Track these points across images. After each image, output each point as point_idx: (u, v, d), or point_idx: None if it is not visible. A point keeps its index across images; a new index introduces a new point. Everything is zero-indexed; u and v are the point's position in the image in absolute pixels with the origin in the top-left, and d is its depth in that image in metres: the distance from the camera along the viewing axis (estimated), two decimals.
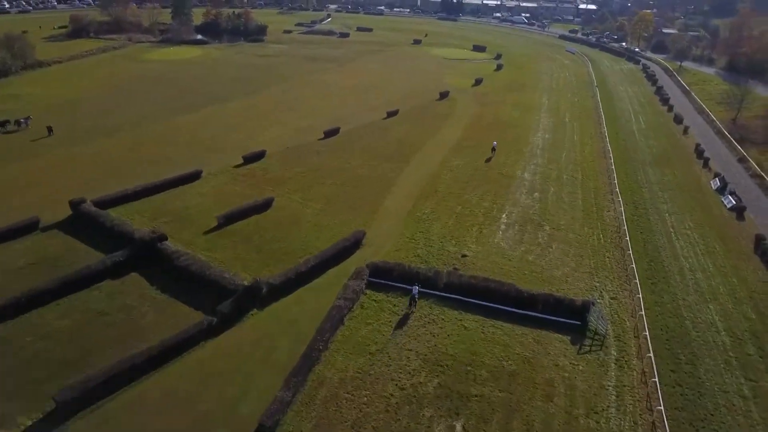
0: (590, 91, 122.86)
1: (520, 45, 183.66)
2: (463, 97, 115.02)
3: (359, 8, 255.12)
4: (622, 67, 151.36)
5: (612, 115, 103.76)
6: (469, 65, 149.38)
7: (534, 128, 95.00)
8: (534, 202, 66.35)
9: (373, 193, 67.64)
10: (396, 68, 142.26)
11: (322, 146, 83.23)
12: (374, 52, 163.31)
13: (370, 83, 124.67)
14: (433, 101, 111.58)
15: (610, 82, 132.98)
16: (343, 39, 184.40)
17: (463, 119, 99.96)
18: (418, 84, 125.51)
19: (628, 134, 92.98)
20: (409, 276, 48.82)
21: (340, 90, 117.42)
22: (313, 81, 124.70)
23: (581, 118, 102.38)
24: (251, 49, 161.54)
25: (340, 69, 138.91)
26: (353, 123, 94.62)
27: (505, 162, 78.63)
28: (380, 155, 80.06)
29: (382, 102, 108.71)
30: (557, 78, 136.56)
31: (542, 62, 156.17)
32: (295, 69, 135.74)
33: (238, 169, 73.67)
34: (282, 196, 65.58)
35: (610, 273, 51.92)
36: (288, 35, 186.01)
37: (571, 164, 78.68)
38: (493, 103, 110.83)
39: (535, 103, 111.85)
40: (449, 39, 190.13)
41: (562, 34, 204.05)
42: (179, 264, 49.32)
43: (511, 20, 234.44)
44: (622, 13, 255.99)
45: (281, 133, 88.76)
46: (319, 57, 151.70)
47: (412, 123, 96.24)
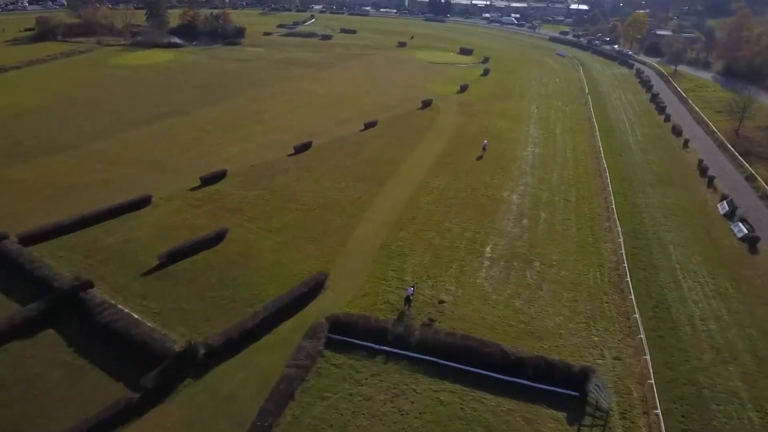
0: (582, 99, 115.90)
1: (508, 48, 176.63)
2: (447, 106, 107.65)
3: (344, 9, 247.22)
4: (614, 71, 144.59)
5: (606, 126, 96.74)
6: (454, 70, 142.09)
7: (523, 142, 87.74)
8: (522, 231, 59.01)
9: (343, 221, 60.14)
10: (378, 74, 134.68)
11: (290, 164, 75.62)
12: (356, 56, 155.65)
13: (349, 91, 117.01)
14: (414, 110, 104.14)
15: (603, 88, 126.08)
16: (325, 41, 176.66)
17: (445, 131, 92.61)
18: (399, 91, 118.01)
19: (625, 148, 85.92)
20: (376, 332, 41.50)
21: (315, 99, 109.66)
22: (288, 89, 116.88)
23: (573, 129, 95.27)
24: (226, 52, 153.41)
25: (318, 75, 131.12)
26: (327, 136, 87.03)
27: (491, 182, 71.28)
28: (354, 174, 72.54)
29: (360, 112, 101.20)
30: (547, 84, 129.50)
31: (531, 66, 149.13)
32: (270, 75, 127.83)
33: (194, 192, 65.95)
34: (238, 226, 57.97)
35: (611, 323, 44.64)
36: (267, 37, 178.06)
37: (564, 184, 71.44)
38: (479, 113, 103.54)
39: (524, 113, 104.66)
40: (435, 41, 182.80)
41: (552, 35, 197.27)
42: (102, 320, 41.45)
43: (500, 21, 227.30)
44: (614, 14, 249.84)
45: (247, 148, 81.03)
46: (297, 61, 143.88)
47: (391, 136, 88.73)
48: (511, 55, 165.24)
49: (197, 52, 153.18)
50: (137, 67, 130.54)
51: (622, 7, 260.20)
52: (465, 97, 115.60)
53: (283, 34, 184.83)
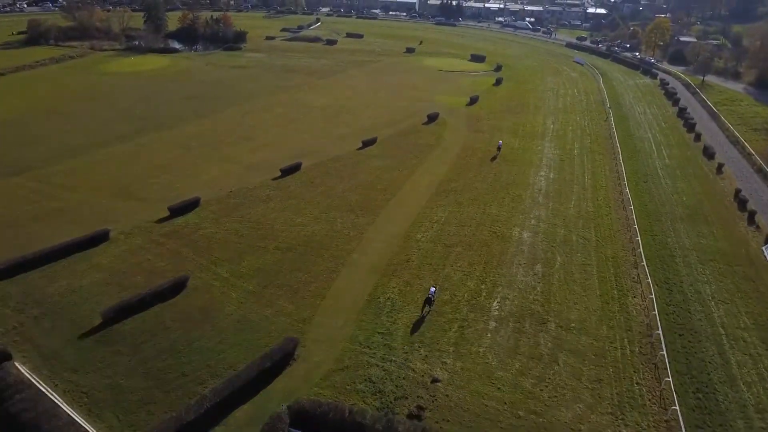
0: (602, 113, 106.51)
1: (522, 54, 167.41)
2: (454, 121, 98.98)
3: (352, 12, 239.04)
4: (637, 81, 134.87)
5: (629, 146, 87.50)
6: (465, 79, 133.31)
7: (536, 164, 78.87)
8: (535, 280, 50.31)
9: (326, 265, 51.88)
10: (382, 83, 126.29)
11: (274, 190, 67.52)
12: (361, 63, 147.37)
13: (350, 103, 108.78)
14: (419, 126, 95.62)
15: (625, 100, 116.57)
16: (330, 47, 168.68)
17: (451, 151, 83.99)
18: (404, 103, 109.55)
19: (651, 173, 76.69)
20: (351, 428, 33.07)
21: (313, 111, 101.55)
22: (285, 100, 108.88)
23: (593, 149, 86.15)
24: (225, 58, 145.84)
25: (318, 84, 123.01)
26: (320, 156, 78.95)
27: (499, 215, 62.55)
28: (344, 203, 64.28)
29: (360, 127, 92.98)
30: (564, 95, 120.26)
31: (547, 75, 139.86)
32: (267, 84, 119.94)
33: (161, 225, 58.15)
34: (203, 271, 49.97)
35: (643, 416, 35.88)
36: (270, 42, 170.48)
37: (582, 218, 62.51)
38: (489, 129, 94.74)
39: (538, 129, 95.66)
40: (445, 47, 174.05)
41: (569, 42, 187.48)
42: (11, 408, 33.37)
43: (514, 26, 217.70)
44: (634, 18, 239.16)
45: (230, 170, 73.11)
46: (297, 69, 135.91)
47: (391, 156, 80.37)
48: (525, 62, 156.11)
49: (194, 57, 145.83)
50: (128, 74, 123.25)
51: (642, 12, 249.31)
52: (475, 110, 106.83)
53: (287, 38, 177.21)
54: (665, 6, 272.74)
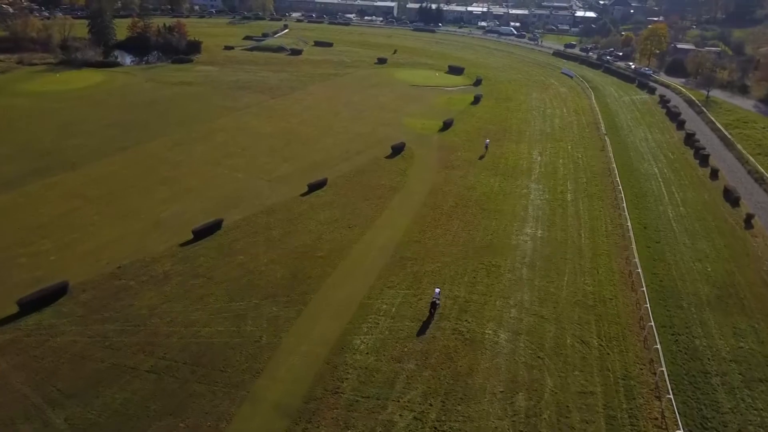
0: (597, 140, 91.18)
1: (506, 65, 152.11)
2: (423, 153, 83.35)
3: (324, 17, 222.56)
4: (633, 97, 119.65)
5: (634, 186, 72.30)
6: (440, 96, 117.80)
7: (519, 216, 63.29)
8: (516, 421, 34.31)
9: (216, 401, 35.79)
10: (346, 102, 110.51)
11: (177, 263, 51.57)
12: (325, 77, 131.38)
13: (304, 129, 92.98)
14: (381, 159, 79.98)
15: (622, 122, 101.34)
16: (294, 57, 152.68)
17: (416, 195, 68.38)
18: (367, 128, 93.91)
19: (663, 227, 61.39)
20: None
21: (257, 142, 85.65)
22: (227, 125, 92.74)
23: (589, 191, 70.82)
24: (171, 73, 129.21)
25: (271, 105, 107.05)
26: (252, 206, 63.36)
27: (468, 302, 46.92)
28: (266, 283, 48.70)
29: (309, 163, 77.32)
30: (552, 116, 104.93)
31: (532, 91, 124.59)
32: (211, 105, 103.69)
33: (1, 329, 41.65)
34: (30, 419, 33.76)
35: None
36: (227, 53, 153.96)
37: (579, 306, 46.97)
38: (464, 164, 79.30)
39: (523, 163, 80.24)
40: (422, 57, 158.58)
41: (557, 50, 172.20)
42: None
43: (498, 31, 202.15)
44: (624, 22, 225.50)
45: (129, 231, 57.08)
46: (251, 85, 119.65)
47: (341, 205, 64.75)
48: (508, 74, 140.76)
49: (136, 72, 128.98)
50: (50, 94, 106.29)
51: (633, 15, 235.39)
52: (448, 137, 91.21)
53: (247, 48, 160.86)
54: (657, 8, 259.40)
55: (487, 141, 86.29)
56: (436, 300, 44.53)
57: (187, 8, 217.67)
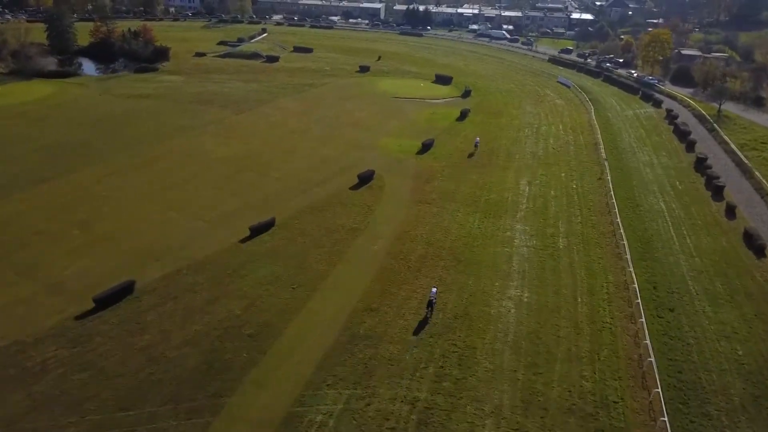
0: (596, 166, 79.99)
1: (497, 73, 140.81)
2: (396, 182, 72.34)
3: (307, 19, 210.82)
4: (637, 111, 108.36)
5: (638, 228, 61.36)
6: (422, 110, 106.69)
7: (502, 270, 52.36)
8: None
9: None
10: (317, 118, 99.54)
11: (60, 349, 41.13)
12: (299, 88, 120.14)
13: (265, 151, 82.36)
14: (345, 191, 69.11)
15: (625, 143, 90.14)
16: (269, 65, 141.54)
17: (380, 241, 57.74)
18: (336, 151, 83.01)
19: (677, 288, 50.38)
20: None
21: (207, 168, 74.83)
22: (179, 147, 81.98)
23: (586, 236, 59.76)
24: (130, 84, 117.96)
25: (233, 122, 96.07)
26: (174, 261, 52.54)
27: (430, 408, 35.89)
28: (169, 380, 38.20)
29: (260, 197, 66.47)
30: (546, 135, 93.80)
31: (526, 103, 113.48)
32: (167, 123, 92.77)
33: None
34: None
35: None
36: (197, 60, 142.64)
37: (574, 415, 35.60)
38: (441, 196, 68.28)
39: (508, 196, 69.22)
40: (407, 64, 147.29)
41: (552, 56, 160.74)
42: None
43: (489, 35, 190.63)
44: (623, 24, 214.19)
45: (8, 300, 45.87)
46: (215, 98, 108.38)
47: (287, 256, 54.00)
48: (500, 84, 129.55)
49: (91, 84, 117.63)
50: None
51: (632, 17, 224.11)
52: (427, 161, 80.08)
53: (220, 54, 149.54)
54: (656, 10, 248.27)
55: (477, 139, 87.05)
56: (433, 299, 44.64)
57: (161, 11, 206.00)
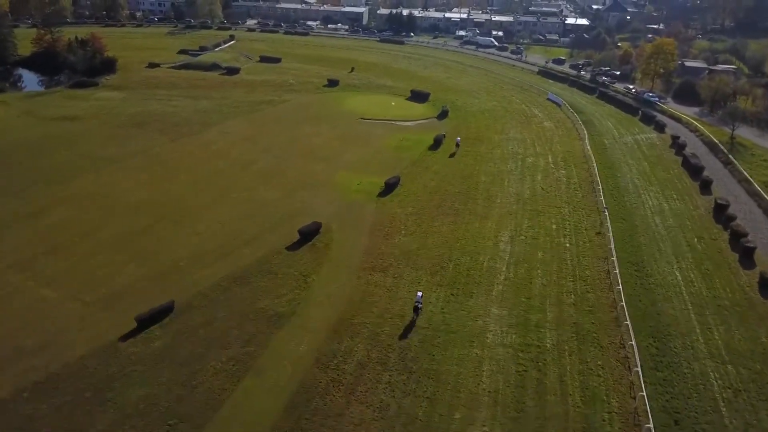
0: (594, 213, 65.73)
1: (481, 88, 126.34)
2: (347, 238, 58.20)
3: (282, 25, 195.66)
4: (637, 137, 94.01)
5: (649, 316, 47.28)
6: (391, 136, 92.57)
7: (467, 391, 38.60)
8: None
9: None
10: (267, 146, 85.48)
11: None
12: (255, 106, 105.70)
13: (188, 195, 68.14)
14: (279, 252, 55.02)
15: (627, 179, 75.72)
16: (227, 77, 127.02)
17: (307, 337, 43.23)
18: (280, 192, 69.01)
19: (707, 418, 35.65)
20: None
21: (108, 220, 60.72)
22: (79, 192, 67.74)
23: (580, 326, 45.94)
24: (60, 102, 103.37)
25: (165, 150, 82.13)
26: (21, 373, 38.00)
27: None
28: None
29: (168, 263, 52.57)
30: (533, 168, 79.48)
31: (511, 126, 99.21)
32: (80, 155, 78.49)
33: None
34: None
35: None
36: (149, 72, 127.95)
37: None
38: (399, 259, 54.07)
39: (484, 261, 55.04)
40: (383, 76, 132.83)
41: (542, 68, 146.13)
42: None
43: (476, 42, 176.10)
44: (621, 30, 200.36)
45: None
46: (153, 120, 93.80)
47: (173, 363, 39.59)
48: (483, 101, 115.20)
49: (13, 101, 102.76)
50: None
51: (630, 23, 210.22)
52: (388, 207, 65.68)
53: (176, 65, 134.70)
54: (656, 14, 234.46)
55: (458, 138, 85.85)
56: (418, 304, 44.11)
57: (126, 15, 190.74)
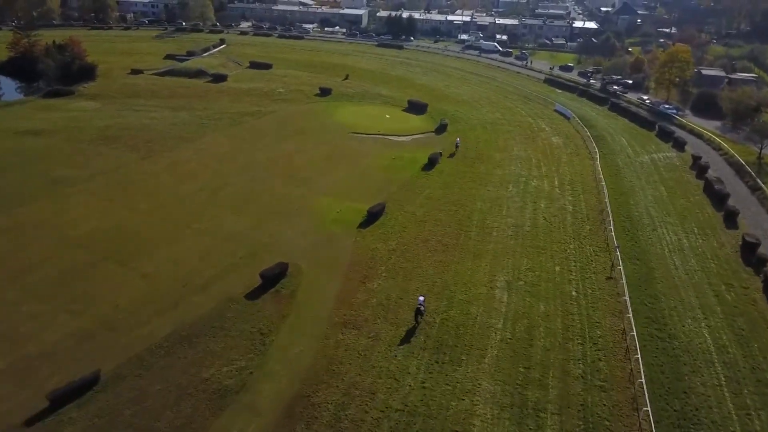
0: (604, 252, 57.44)
1: (483, 98, 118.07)
2: (317, 282, 50.49)
3: (276, 28, 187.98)
4: (654, 156, 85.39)
5: (676, 394, 39.07)
6: (382, 154, 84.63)
7: None
8: None
9: None
10: (244, 164, 77.85)
11: None
12: (238, 117, 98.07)
13: (144, 225, 60.68)
14: (235, 301, 46.44)
15: (642, 208, 67.22)
16: (212, 85, 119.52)
17: (254, 423, 34.21)
18: (249, 221, 61.49)
19: None
20: None
21: (52, 255, 53.58)
22: (27, 219, 60.64)
23: (590, 410, 37.69)
24: (28, 114, 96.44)
25: (131, 170, 74.81)
26: None
27: None
28: None
29: (105, 315, 44.47)
30: (537, 194, 71.17)
31: (514, 143, 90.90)
32: (38, 174, 71.57)
33: None
34: None
35: None
36: (130, 79, 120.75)
37: None
38: (377, 311, 46.18)
39: (477, 314, 47.22)
40: (378, 84, 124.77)
41: (549, 76, 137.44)
42: None
43: (479, 47, 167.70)
44: (631, 34, 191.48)
45: None
46: (124, 135, 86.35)
47: None
48: (484, 113, 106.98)
49: None
50: None
51: (641, 26, 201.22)
52: (369, 241, 57.74)
53: (160, 71, 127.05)
54: (667, 17, 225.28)
55: (458, 139, 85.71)
56: (421, 306, 43.75)
57: (115, 18, 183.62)
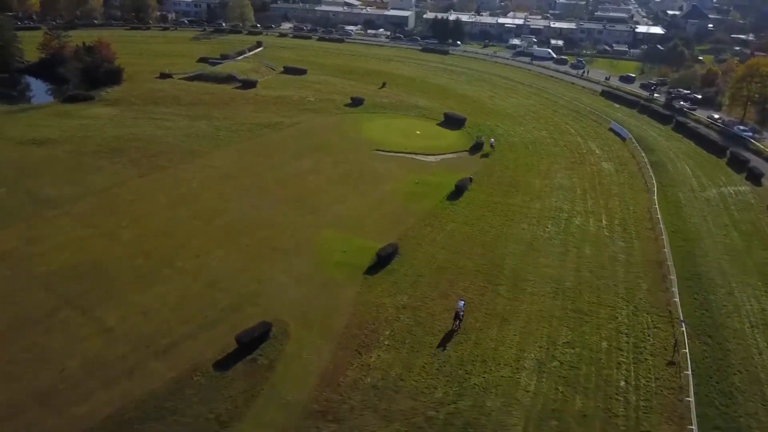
0: (663, 323, 46.26)
1: (529, 111, 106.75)
2: (303, 349, 42.42)
3: (318, 29, 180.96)
4: (724, 190, 72.58)
5: None
6: (405, 177, 75.46)
7: None
8: None
9: None
10: (249, 186, 70.70)
11: None
12: (258, 129, 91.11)
13: (120, 261, 52.95)
14: (200, 373, 38.60)
15: (712, 265, 54.58)
16: (240, 92, 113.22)
17: None
18: (239, 260, 53.71)
19: None
20: None
21: (8, 296, 45.30)
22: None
23: None
24: (40, 121, 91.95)
25: (126, 190, 68.80)
26: None
27: None
28: None
29: (43, 384, 37.46)
30: (580, 238, 60.05)
31: (558, 168, 79.76)
32: (23, 192, 65.59)
33: None
34: None
35: None
36: (157, 84, 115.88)
37: None
38: (369, 400, 37.90)
39: (492, 409, 37.69)
40: (416, 94, 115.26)
41: (607, 88, 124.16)
42: None
43: (531, 53, 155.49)
44: (701, 41, 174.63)
45: None
46: (130, 146, 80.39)
47: None
48: (528, 130, 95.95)
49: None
50: None
51: (712, 32, 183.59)
52: (375, 294, 48.78)
53: (189, 75, 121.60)
54: (742, 22, 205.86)
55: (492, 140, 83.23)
56: (460, 311, 43.29)
57: (156, 18, 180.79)
